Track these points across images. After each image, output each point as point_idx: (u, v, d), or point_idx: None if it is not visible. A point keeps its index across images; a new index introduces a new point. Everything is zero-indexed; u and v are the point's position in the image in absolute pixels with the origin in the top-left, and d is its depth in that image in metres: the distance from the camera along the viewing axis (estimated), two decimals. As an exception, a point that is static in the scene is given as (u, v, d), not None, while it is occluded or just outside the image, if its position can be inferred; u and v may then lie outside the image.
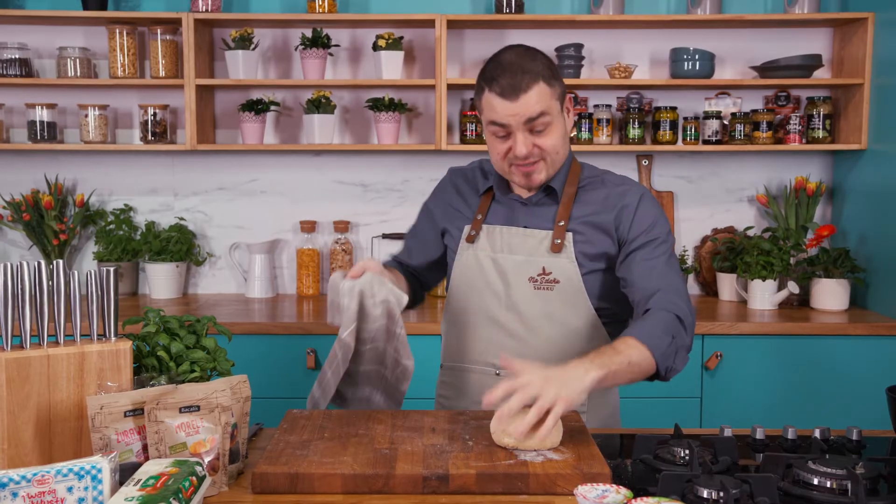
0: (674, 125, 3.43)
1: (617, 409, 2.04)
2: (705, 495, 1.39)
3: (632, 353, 1.68)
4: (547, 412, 1.50)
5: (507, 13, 3.35)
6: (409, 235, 2.17)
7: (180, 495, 1.27)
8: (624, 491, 1.37)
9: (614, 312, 1.95)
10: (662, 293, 1.78)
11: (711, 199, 3.67)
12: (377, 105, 3.42)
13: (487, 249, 1.95)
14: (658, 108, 3.44)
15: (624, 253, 1.88)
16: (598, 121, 3.45)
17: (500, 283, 1.93)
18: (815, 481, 1.46)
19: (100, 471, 1.31)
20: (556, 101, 1.85)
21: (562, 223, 1.90)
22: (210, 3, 3.33)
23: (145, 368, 1.68)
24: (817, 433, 1.73)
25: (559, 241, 1.89)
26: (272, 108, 3.54)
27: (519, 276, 1.91)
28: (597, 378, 1.59)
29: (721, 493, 1.38)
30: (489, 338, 1.94)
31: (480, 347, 1.96)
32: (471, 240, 1.97)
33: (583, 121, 3.44)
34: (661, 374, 1.75)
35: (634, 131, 3.43)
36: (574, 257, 1.89)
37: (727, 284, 3.45)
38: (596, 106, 3.49)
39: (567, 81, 3.36)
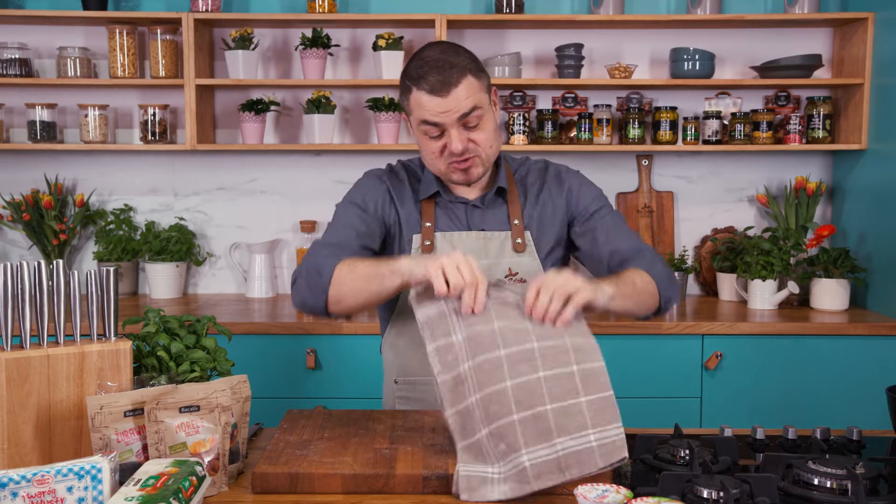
0: (674, 125, 3.43)
1: None
2: (705, 495, 1.40)
3: (636, 277, 1.75)
4: (565, 303, 1.54)
5: (507, 13, 3.35)
6: (348, 232, 1.87)
7: (180, 495, 1.27)
8: (624, 491, 1.37)
9: None
10: (644, 251, 1.87)
11: (711, 199, 3.67)
12: (377, 105, 3.42)
13: None
14: (658, 108, 3.44)
15: (581, 226, 1.92)
16: (598, 121, 3.45)
17: None
18: (815, 481, 1.46)
19: (100, 471, 1.31)
20: (485, 94, 1.84)
21: (517, 222, 1.91)
22: (210, 3, 3.33)
23: (145, 368, 1.68)
24: (817, 433, 1.73)
25: (520, 241, 1.90)
26: (272, 107, 3.54)
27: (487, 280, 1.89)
28: (611, 293, 1.63)
29: (721, 493, 1.38)
30: None
31: None
32: (427, 250, 1.89)
33: (583, 121, 3.44)
34: (661, 304, 1.81)
35: (634, 131, 3.43)
36: (536, 254, 1.91)
37: (727, 284, 3.45)
38: (596, 106, 3.49)
39: (567, 81, 3.36)
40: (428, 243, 1.90)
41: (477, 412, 1.49)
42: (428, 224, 1.91)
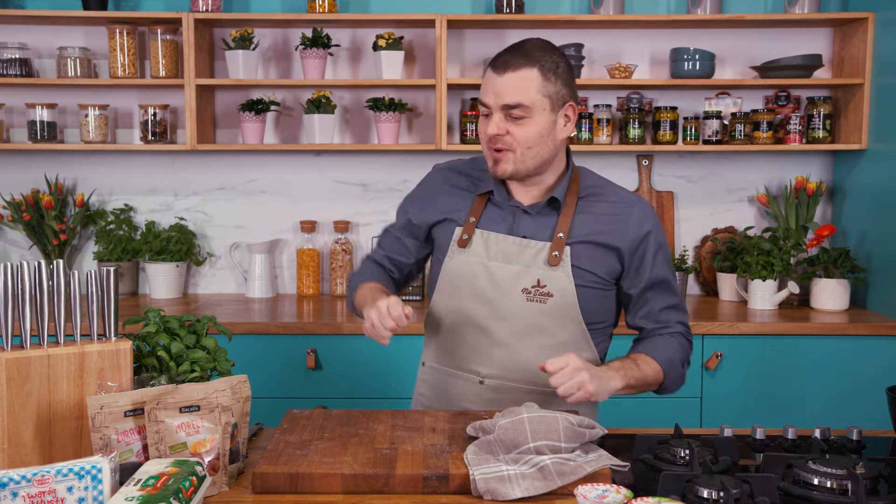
0: (674, 125, 3.43)
1: (595, 410, 2.04)
2: (705, 495, 1.40)
3: (650, 373, 1.86)
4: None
5: (507, 13, 3.35)
6: (391, 236, 2.08)
7: (180, 495, 1.27)
8: (624, 491, 1.37)
9: (605, 326, 1.98)
10: (682, 319, 1.97)
11: (711, 199, 3.67)
12: (377, 105, 3.42)
13: (481, 255, 1.89)
14: (658, 108, 3.44)
15: (642, 287, 1.92)
16: (598, 121, 3.45)
17: (491, 292, 1.88)
18: (815, 481, 1.46)
19: (100, 471, 1.31)
20: (546, 99, 1.81)
21: (561, 235, 1.86)
22: (210, 2, 3.33)
23: (145, 368, 1.68)
24: (817, 433, 1.73)
25: (557, 255, 1.85)
26: (272, 108, 3.54)
27: (512, 287, 1.87)
28: (619, 387, 1.77)
29: (721, 493, 1.38)
30: (476, 346, 1.91)
31: (466, 354, 1.92)
32: (463, 244, 1.91)
33: (583, 121, 3.44)
34: (657, 390, 1.94)
35: (634, 131, 3.43)
36: (570, 272, 1.85)
37: (727, 284, 3.45)
38: (596, 106, 3.49)
39: (567, 81, 3.35)
40: (466, 237, 1.91)
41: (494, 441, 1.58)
42: (472, 219, 1.92)
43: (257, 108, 3.43)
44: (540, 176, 1.89)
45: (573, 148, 3.45)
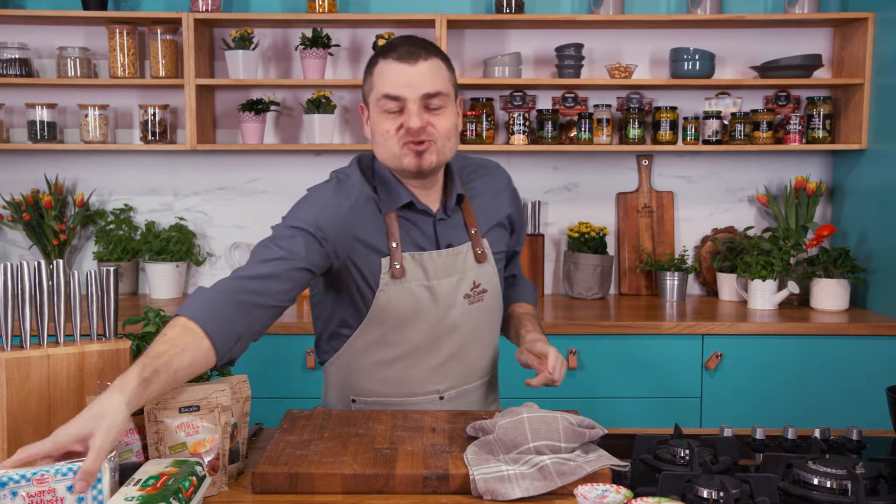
0: (674, 125, 3.43)
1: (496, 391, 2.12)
2: (705, 495, 1.40)
3: (535, 314, 2.05)
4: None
5: (507, 13, 3.35)
6: (281, 258, 1.78)
7: (180, 495, 1.27)
8: (624, 491, 1.37)
9: None
10: (526, 281, 2.17)
11: (711, 199, 3.67)
12: (377, 105, 3.41)
13: (420, 279, 1.82)
14: (658, 108, 3.44)
15: (522, 240, 2.08)
16: (598, 121, 3.45)
17: (438, 309, 1.84)
18: (815, 481, 1.46)
19: (100, 470, 1.31)
20: (452, 88, 1.79)
21: (474, 231, 1.88)
22: (210, 2, 3.33)
23: (145, 368, 1.68)
24: (817, 433, 1.73)
25: (481, 251, 1.87)
26: (272, 107, 3.54)
27: (456, 296, 1.85)
28: None
29: (721, 493, 1.38)
30: (431, 367, 1.87)
31: (420, 379, 1.88)
32: (399, 273, 1.79)
33: (583, 121, 3.44)
34: None
35: (634, 131, 3.43)
36: (493, 261, 1.90)
37: (727, 284, 3.45)
38: (596, 106, 3.49)
39: (567, 81, 3.36)
40: (398, 266, 1.80)
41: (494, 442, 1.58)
42: (394, 244, 1.80)
43: (257, 108, 3.43)
44: (438, 173, 1.85)
45: (573, 148, 3.45)
